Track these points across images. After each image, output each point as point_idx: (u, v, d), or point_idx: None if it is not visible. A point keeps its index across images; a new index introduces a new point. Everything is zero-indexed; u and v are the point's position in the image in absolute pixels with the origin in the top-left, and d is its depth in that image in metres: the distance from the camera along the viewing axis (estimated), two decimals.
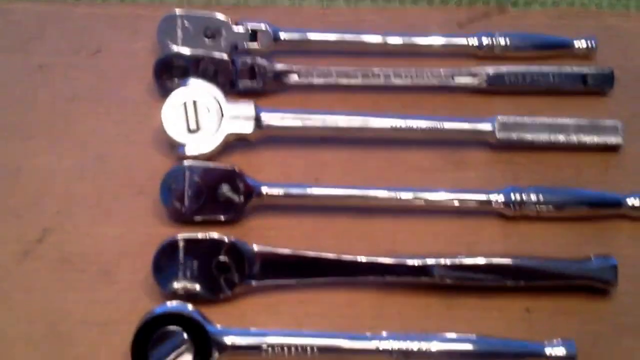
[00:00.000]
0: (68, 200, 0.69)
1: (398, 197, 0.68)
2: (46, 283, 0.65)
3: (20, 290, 0.65)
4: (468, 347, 0.60)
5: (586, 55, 0.80)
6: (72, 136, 0.73)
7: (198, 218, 0.67)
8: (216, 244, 0.64)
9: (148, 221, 0.68)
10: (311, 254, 0.65)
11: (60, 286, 0.65)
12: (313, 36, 0.78)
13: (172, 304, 0.60)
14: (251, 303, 0.64)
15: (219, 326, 0.60)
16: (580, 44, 0.79)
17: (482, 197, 0.68)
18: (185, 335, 0.58)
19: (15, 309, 0.64)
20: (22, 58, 0.78)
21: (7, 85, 0.76)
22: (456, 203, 0.68)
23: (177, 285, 0.63)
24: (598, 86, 0.77)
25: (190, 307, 0.60)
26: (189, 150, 0.69)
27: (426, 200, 0.68)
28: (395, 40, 0.78)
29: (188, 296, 0.63)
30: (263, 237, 0.66)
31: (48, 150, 0.72)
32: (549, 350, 0.61)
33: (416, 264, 0.64)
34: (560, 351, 0.61)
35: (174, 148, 0.70)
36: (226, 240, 0.64)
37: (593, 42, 0.79)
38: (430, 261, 0.64)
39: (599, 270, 0.65)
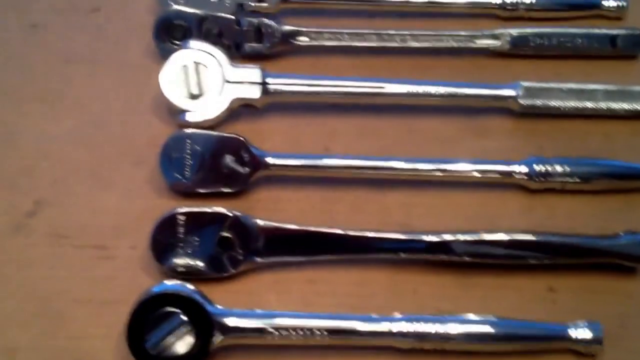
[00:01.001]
0: (62, 170, 0.68)
1: (414, 168, 0.66)
2: (38, 259, 0.63)
3: (11, 267, 0.63)
4: (487, 329, 0.58)
5: (616, 15, 0.78)
6: (67, 101, 0.72)
7: (200, 190, 0.65)
8: (219, 219, 0.62)
9: (147, 193, 0.66)
10: (320, 229, 0.63)
11: (54, 262, 0.63)
12: None
13: (171, 283, 0.59)
14: (257, 281, 0.63)
15: (220, 307, 0.58)
16: (610, 3, 0.78)
17: (504, 168, 0.67)
18: (184, 317, 0.57)
19: (6, 286, 0.62)
20: (14, 17, 0.77)
21: None
22: (476, 175, 0.66)
23: (177, 262, 0.61)
24: (629, 49, 0.76)
25: (190, 286, 0.58)
26: (191, 117, 0.68)
27: (444, 172, 0.66)
28: None
29: (189, 274, 0.61)
30: (269, 211, 0.65)
31: (41, 115, 0.71)
32: (573, 333, 0.59)
33: (432, 240, 0.62)
34: (586, 334, 0.59)
35: (175, 115, 0.69)
36: (230, 214, 0.62)
37: (623, 1, 0.78)
38: (447, 237, 0.62)
39: (628, 247, 0.63)
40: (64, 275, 0.62)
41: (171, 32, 0.72)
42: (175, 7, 0.72)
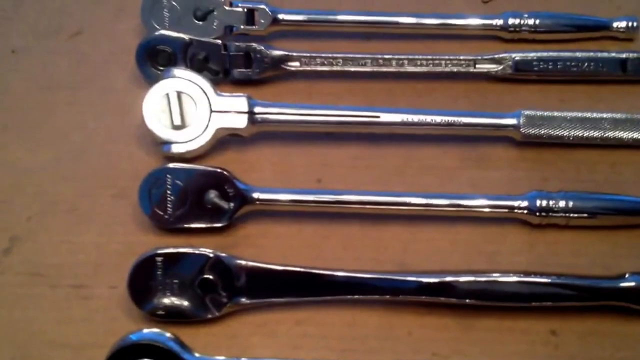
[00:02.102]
0: (40, 204, 0.67)
1: (409, 203, 0.64)
2: (12, 299, 0.62)
3: None
4: None
5: (627, 36, 0.76)
6: (46, 130, 0.71)
7: (182, 226, 0.64)
8: (200, 259, 0.60)
9: (129, 228, 0.65)
10: (307, 270, 0.61)
11: (28, 303, 0.62)
12: (317, 17, 0.75)
13: (147, 331, 0.57)
14: (241, 324, 0.61)
15: (198, 355, 0.57)
16: (620, 23, 0.76)
17: (504, 202, 0.65)
18: None
19: None
20: None
21: None
22: (475, 209, 0.65)
23: (157, 305, 0.60)
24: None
25: (167, 334, 0.57)
26: (176, 148, 0.67)
27: (441, 207, 0.64)
28: (409, 20, 0.76)
29: (171, 315, 0.60)
30: (256, 247, 0.64)
31: (18, 146, 0.70)
32: None
33: (431, 282, 0.60)
34: None
35: (160, 145, 0.68)
36: (211, 254, 0.60)
37: (634, 22, 0.76)
38: (447, 279, 0.60)
39: (635, 289, 0.61)
40: (39, 316, 0.61)
41: (155, 58, 0.71)
42: (161, 31, 0.71)
